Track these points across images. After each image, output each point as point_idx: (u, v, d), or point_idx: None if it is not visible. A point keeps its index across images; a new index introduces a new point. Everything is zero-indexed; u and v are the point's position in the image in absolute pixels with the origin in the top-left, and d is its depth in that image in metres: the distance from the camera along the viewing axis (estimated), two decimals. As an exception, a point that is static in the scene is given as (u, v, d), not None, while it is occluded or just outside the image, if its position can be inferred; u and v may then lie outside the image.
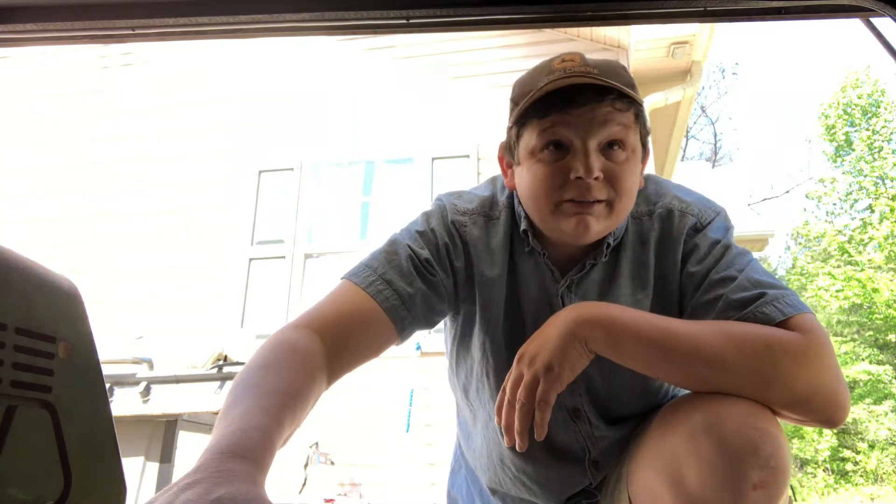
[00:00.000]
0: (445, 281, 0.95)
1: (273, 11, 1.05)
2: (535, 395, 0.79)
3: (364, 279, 0.90)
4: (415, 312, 0.91)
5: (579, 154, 0.84)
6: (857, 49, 35.49)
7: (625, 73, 0.87)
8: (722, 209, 0.97)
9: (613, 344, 0.80)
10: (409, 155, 4.82)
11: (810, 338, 0.76)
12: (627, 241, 0.94)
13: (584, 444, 0.99)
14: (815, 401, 0.75)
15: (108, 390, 1.54)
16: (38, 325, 0.34)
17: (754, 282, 0.83)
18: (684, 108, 5.14)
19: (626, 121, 0.85)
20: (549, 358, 0.79)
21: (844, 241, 13.45)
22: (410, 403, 3.91)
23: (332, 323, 0.85)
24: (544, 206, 0.87)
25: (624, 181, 0.85)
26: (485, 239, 0.98)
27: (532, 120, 0.87)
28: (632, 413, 0.98)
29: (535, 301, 0.96)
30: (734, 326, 0.79)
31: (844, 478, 12.15)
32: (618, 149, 0.85)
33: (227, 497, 0.48)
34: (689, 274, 0.90)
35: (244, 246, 4.82)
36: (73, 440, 0.35)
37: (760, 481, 0.68)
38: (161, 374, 2.16)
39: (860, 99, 13.93)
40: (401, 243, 0.95)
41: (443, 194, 1.05)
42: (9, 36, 1.09)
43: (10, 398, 0.32)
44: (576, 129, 0.84)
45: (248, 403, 0.65)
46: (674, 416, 0.81)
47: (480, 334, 0.98)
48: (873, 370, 12.44)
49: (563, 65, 0.86)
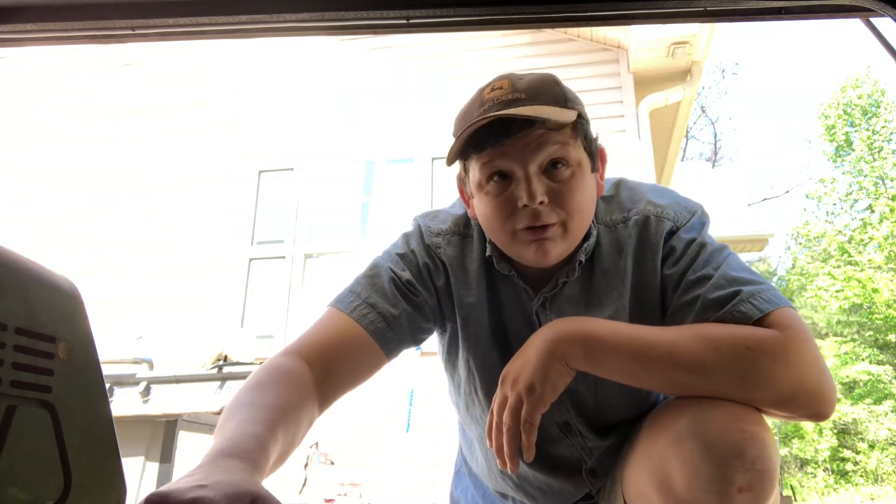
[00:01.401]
0: (429, 300, 0.97)
1: (273, 11, 1.05)
2: (521, 416, 0.79)
3: (348, 305, 0.91)
4: (400, 333, 0.92)
5: (521, 182, 0.84)
6: (857, 49, 35.49)
7: (557, 88, 0.86)
8: (698, 207, 0.96)
9: (593, 359, 0.80)
10: (409, 155, 4.82)
11: (789, 334, 0.76)
12: (601, 251, 0.94)
13: (578, 455, 0.99)
14: (800, 397, 0.75)
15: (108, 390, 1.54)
16: (38, 325, 0.34)
17: (730, 279, 0.83)
18: (684, 108, 5.14)
19: (563, 138, 0.84)
20: (531, 379, 0.79)
21: (844, 241, 13.45)
22: (410, 403, 3.91)
23: (318, 349, 0.86)
24: (502, 237, 0.88)
25: (571, 199, 0.85)
26: (461, 259, 0.98)
27: (472, 155, 0.87)
28: (623, 419, 0.98)
29: (515, 318, 0.97)
30: (712, 329, 0.79)
31: (844, 478, 12.15)
32: (561, 167, 0.85)
33: (224, 482, 0.49)
34: (667, 276, 0.90)
35: (244, 246, 4.82)
36: (73, 440, 0.35)
37: (746, 484, 0.68)
38: (161, 374, 2.16)
39: (860, 99, 13.93)
40: (382, 266, 0.96)
41: (418, 216, 1.06)
42: (9, 36, 1.09)
43: (10, 398, 0.32)
44: (513, 158, 0.84)
45: (241, 416, 0.67)
46: (661, 421, 0.81)
47: (465, 352, 0.99)
48: (873, 370, 12.44)
49: (491, 94, 0.86)
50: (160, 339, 4.04)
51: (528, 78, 0.87)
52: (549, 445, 0.98)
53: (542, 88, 0.85)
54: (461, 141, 0.84)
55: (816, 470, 12.54)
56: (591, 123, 0.92)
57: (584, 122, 0.88)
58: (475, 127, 0.82)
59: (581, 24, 1.12)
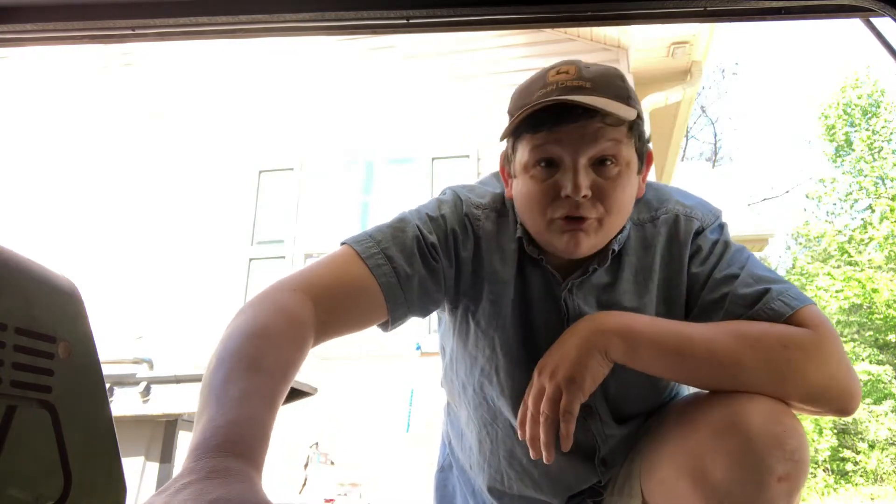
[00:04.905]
0: (447, 270, 0.94)
1: (273, 11, 1.05)
2: (560, 407, 0.81)
3: (365, 249, 0.88)
4: (410, 295, 0.89)
5: (569, 171, 0.84)
6: (857, 49, 35.50)
7: (621, 83, 0.86)
8: (720, 211, 0.99)
9: (632, 352, 0.83)
10: (409, 155, 4.82)
11: (821, 332, 0.79)
12: (630, 246, 0.95)
13: (593, 441, 0.99)
14: (830, 393, 0.78)
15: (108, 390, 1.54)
16: (38, 325, 0.34)
17: (756, 277, 0.86)
18: (684, 108, 5.14)
19: (618, 135, 0.84)
20: (571, 370, 0.81)
21: (844, 241, 13.44)
22: (410, 403, 3.91)
23: (326, 290, 0.83)
24: (538, 222, 0.88)
25: (615, 197, 0.85)
26: (496, 235, 0.97)
27: (524, 135, 0.87)
28: (639, 411, 1.00)
29: (542, 301, 0.97)
30: (747, 326, 0.82)
31: (844, 478, 12.15)
32: (610, 164, 0.85)
33: (224, 498, 0.47)
34: (694, 275, 0.92)
35: (244, 246, 4.82)
36: (73, 440, 0.35)
37: (785, 474, 0.72)
38: (161, 374, 2.16)
39: (860, 99, 13.92)
40: (410, 222, 0.93)
41: (455, 186, 1.04)
42: (9, 36, 1.09)
43: (10, 398, 0.32)
44: (566, 146, 0.83)
45: (242, 385, 0.61)
46: (692, 415, 0.83)
47: (490, 330, 0.97)
48: (873, 370, 12.42)
49: (557, 77, 0.85)
50: (160, 339, 4.04)
51: (595, 68, 0.87)
52: None
53: (607, 81, 0.85)
54: (518, 119, 0.84)
55: (816, 470, 12.53)
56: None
57: (641, 122, 0.89)
58: (536, 107, 0.82)
59: (581, 24, 1.12)
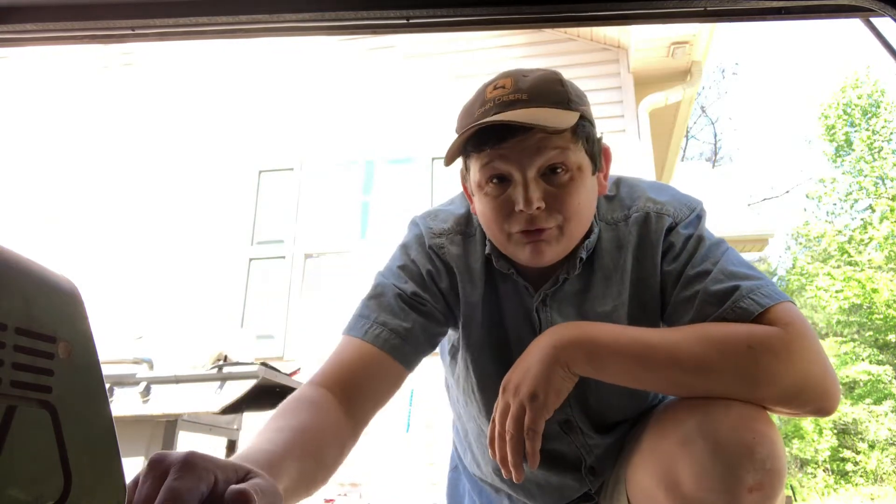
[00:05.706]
0: (437, 305, 0.96)
1: (273, 11, 1.05)
2: (524, 424, 0.78)
3: (360, 329, 0.91)
4: (416, 345, 0.92)
5: (519, 186, 0.83)
6: (857, 49, 35.47)
7: (560, 88, 0.85)
8: (698, 203, 0.95)
9: (595, 364, 0.80)
10: (409, 155, 4.82)
11: (791, 331, 0.75)
12: (602, 248, 0.94)
13: (578, 453, 0.99)
14: (805, 394, 0.75)
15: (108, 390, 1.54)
16: (38, 325, 0.34)
17: (728, 273, 0.83)
18: (684, 108, 5.14)
19: (562, 142, 0.82)
20: (534, 386, 0.78)
21: (844, 242, 13.43)
22: (410, 403, 3.91)
23: (338, 375, 0.86)
24: (498, 238, 0.88)
25: (569, 203, 0.84)
26: (464, 257, 0.98)
27: (472, 154, 0.87)
28: (623, 418, 0.98)
29: (515, 317, 0.97)
30: (713, 329, 0.79)
31: (844, 478, 12.14)
32: (560, 172, 0.83)
33: (199, 455, 0.46)
34: (667, 272, 0.90)
35: (244, 246, 4.82)
36: (74, 440, 0.35)
37: (756, 483, 0.68)
38: (161, 374, 2.16)
39: (860, 99, 13.91)
40: (386, 284, 0.96)
41: (417, 216, 1.05)
42: (9, 36, 1.09)
43: (9, 398, 0.32)
44: (512, 162, 0.83)
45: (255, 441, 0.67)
46: (667, 421, 0.81)
47: (464, 351, 0.99)
48: (873, 370, 12.43)
49: (494, 93, 0.84)
50: (160, 339, 4.03)
51: (532, 76, 0.85)
52: (549, 442, 0.97)
53: (544, 88, 0.83)
54: (460, 141, 0.83)
55: (816, 470, 12.53)
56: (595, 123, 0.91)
57: (585, 123, 0.86)
58: (474, 129, 0.81)
59: (581, 24, 1.12)
